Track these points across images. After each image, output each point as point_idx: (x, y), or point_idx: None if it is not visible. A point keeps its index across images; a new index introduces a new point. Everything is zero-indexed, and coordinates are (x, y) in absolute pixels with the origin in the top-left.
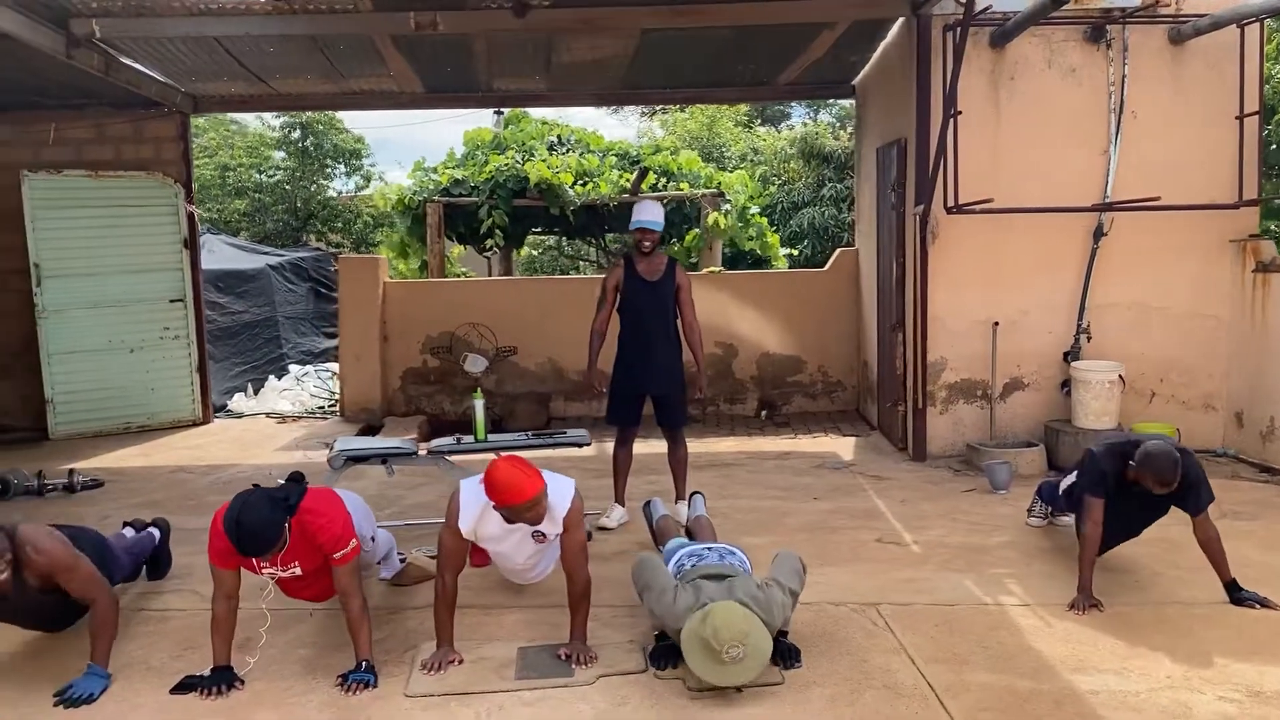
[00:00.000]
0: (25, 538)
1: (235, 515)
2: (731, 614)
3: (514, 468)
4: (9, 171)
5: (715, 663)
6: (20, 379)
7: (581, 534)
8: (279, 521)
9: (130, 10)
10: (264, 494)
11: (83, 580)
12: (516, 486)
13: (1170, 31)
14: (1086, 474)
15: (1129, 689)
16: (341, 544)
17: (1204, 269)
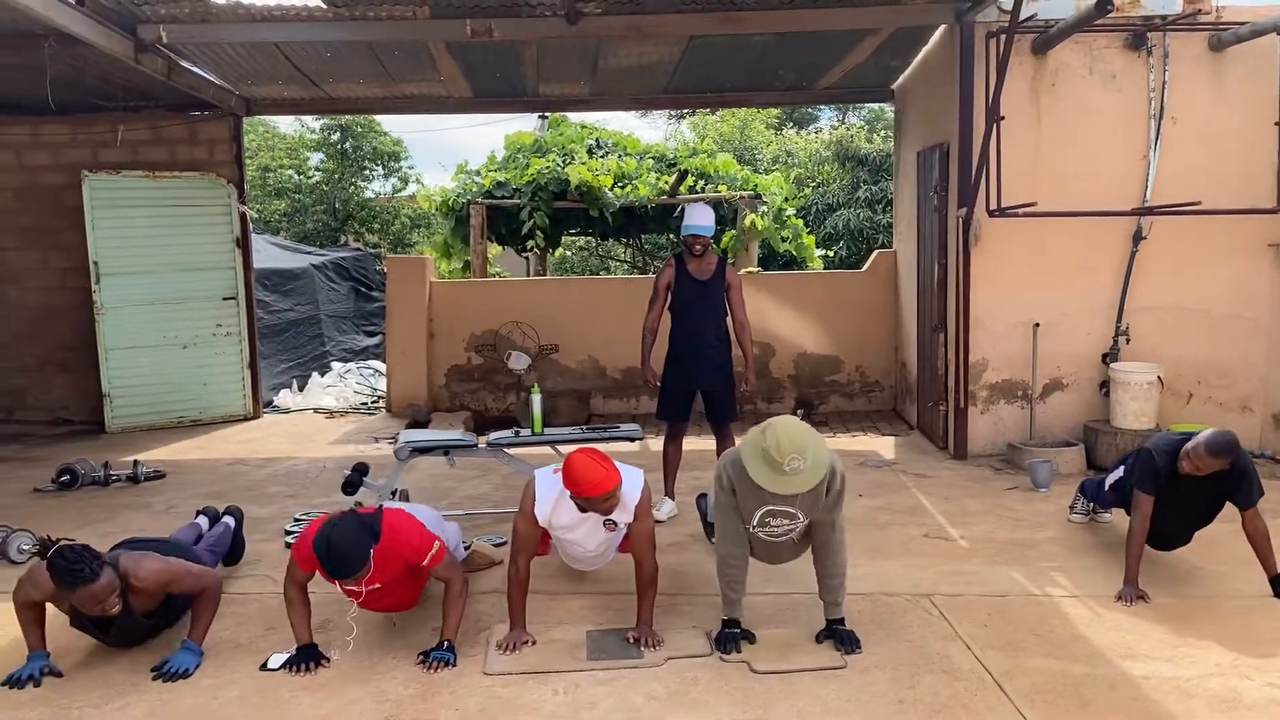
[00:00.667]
0: (126, 569)
1: (326, 537)
2: (791, 425)
3: (593, 461)
4: (70, 171)
5: (776, 473)
6: (77, 374)
7: (650, 522)
8: (366, 549)
9: (196, 16)
10: (354, 519)
11: (189, 580)
12: (595, 480)
13: (1210, 39)
14: (1139, 469)
15: (1180, 675)
16: (424, 552)
17: (1242, 272)
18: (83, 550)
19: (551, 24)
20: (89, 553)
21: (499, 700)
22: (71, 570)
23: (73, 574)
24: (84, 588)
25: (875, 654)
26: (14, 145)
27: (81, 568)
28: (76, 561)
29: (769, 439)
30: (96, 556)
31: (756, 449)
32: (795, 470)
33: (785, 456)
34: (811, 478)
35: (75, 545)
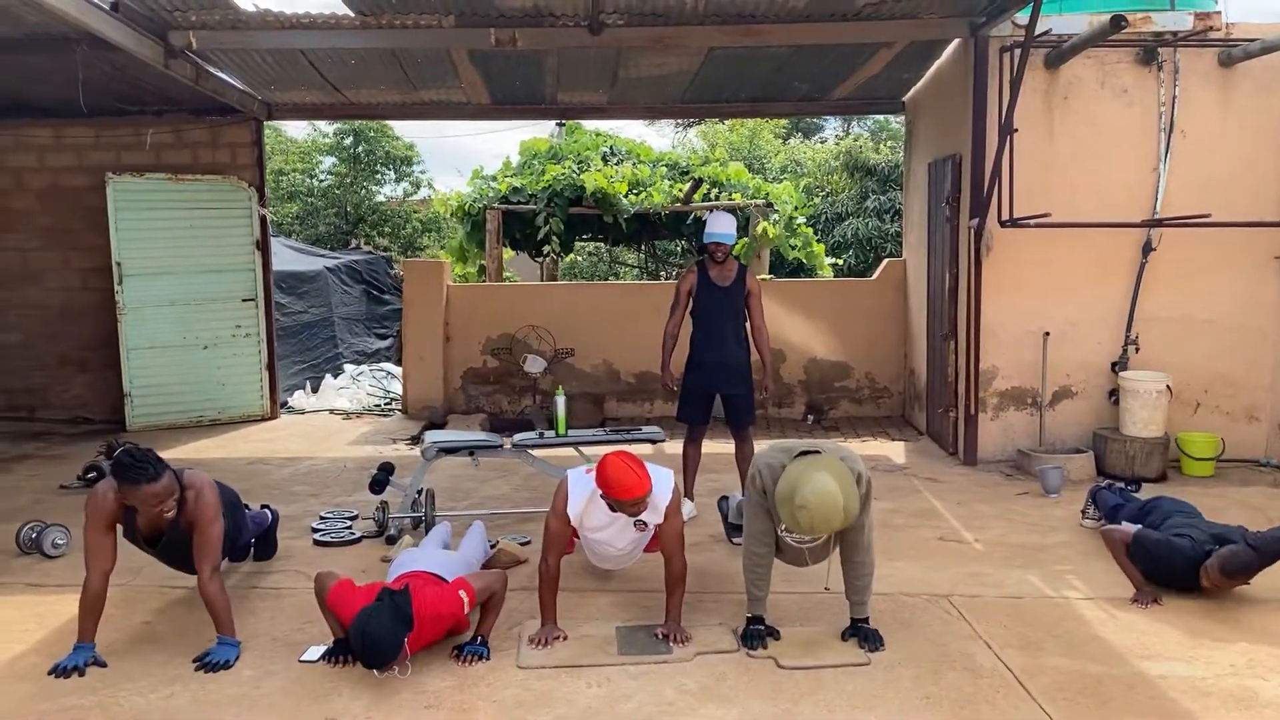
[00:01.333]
0: (190, 481)
1: (361, 631)
2: (826, 508)
3: (627, 465)
4: (92, 173)
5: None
6: (97, 373)
7: (679, 522)
8: (400, 639)
9: (226, 23)
10: (388, 608)
11: (210, 541)
12: (629, 484)
13: (1220, 55)
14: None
15: (1196, 674)
16: (458, 606)
17: (1249, 284)
18: (147, 452)
19: (574, 34)
20: (153, 454)
21: (534, 693)
22: (136, 467)
23: (137, 470)
24: (147, 485)
25: (898, 652)
26: (37, 147)
27: (146, 466)
28: (141, 460)
29: (803, 518)
30: (160, 459)
31: (789, 506)
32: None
33: (818, 531)
34: (842, 526)
35: (140, 447)
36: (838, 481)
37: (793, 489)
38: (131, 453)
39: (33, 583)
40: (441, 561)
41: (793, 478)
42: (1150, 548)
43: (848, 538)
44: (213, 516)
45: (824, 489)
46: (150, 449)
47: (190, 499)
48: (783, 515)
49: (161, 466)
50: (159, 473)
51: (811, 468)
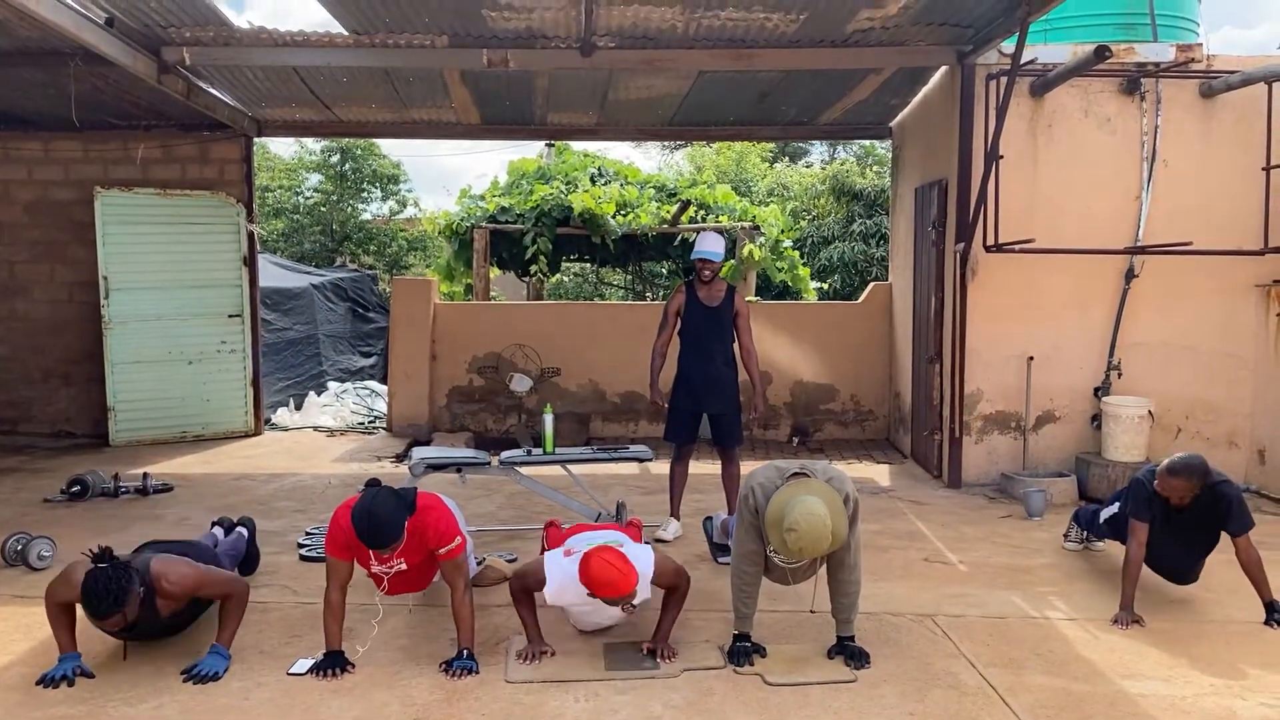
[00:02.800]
0: (159, 572)
1: (366, 507)
2: (815, 534)
3: (611, 566)
4: (80, 187)
5: (795, 556)
6: (80, 387)
7: (669, 567)
8: (403, 518)
9: (220, 40)
10: (390, 491)
11: (218, 586)
12: (616, 585)
13: (1201, 86)
14: (1132, 499)
15: (1176, 694)
16: (448, 539)
17: (1230, 312)
18: (117, 581)
19: (566, 55)
20: (120, 580)
21: (523, 706)
22: (99, 599)
23: (98, 604)
24: (104, 620)
25: (883, 669)
26: (26, 160)
27: (108, 600)
28: (104, 595)
29: (791, 541)
30: (126, 582)
31: (778, 530)
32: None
33: (805, 555)
34: (830, 550)
35: (112, 573)
36: (826, 505)
37: (782, 514)
38: (99, 580)
39: (19, 594)
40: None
41: (783, 502)
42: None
43: (835, 557)
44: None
45: (812, 513)
46: (123, 572)
47: (165, 587)
48: (772, 539)
49: (124, 599)
50: (120, 604)
51: (801, 492)
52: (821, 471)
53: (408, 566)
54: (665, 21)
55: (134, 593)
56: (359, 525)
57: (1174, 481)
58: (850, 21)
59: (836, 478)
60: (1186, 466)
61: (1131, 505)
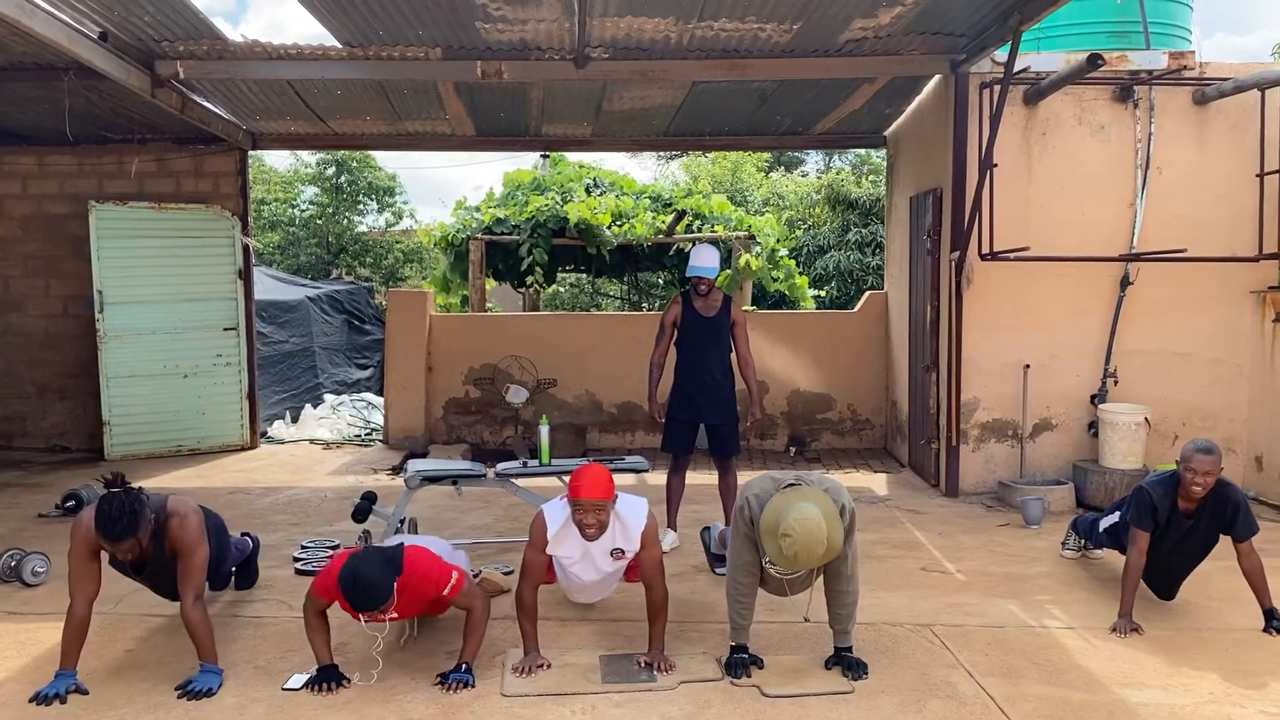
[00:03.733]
0: (174, 509)
1: (351, 571)
2: (811, 538)
3: (600, 472)
4: (75, 201)
5: (790, 565)
6: (75, 401)
7: (658, 550)
8: (389, 582)
9: (214, 54)
10: (377, 553)
11: (194, 568)
12: (592, 486)
13: (1195, 93)
14: (1135, 508)
15: (1175, 702)
16: (444, 583)
17: (1225, 318)
18: (129, 503)
19: (560, 67)
20: (134, 505)
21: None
22: (112, 521)
23: (111, 524)
24: (119, 541)
25: (881, 680)
26: (21, 175)
27: (121, 520)
28: (118, 517)
29: (788, 547)
30: (138, 512)
31: (774, 538)
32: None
33: (802, 562)
34: (825, 559)
35: (125, 497)
36: (822, 513)
37: (777, 521)
38: (113, 504)
39: (12, 611)
40: (438, 544)
41: (777, 510)
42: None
43: (831, 567)
44: (196, 544)
45: (808, 519)
46: (136, 498)
47: (174, 526)
48: (768, 548)
49: (137, 522)
50: (133, 529)
51: (796, 500)
52: (817, 481)
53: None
54: (659, 32)
55: (146, 519)
56: (345, 590)
57: (1204, 460)
58: (844, 31)
59: (833, 488)
60: (1210, 444)
61: (1134, 514)
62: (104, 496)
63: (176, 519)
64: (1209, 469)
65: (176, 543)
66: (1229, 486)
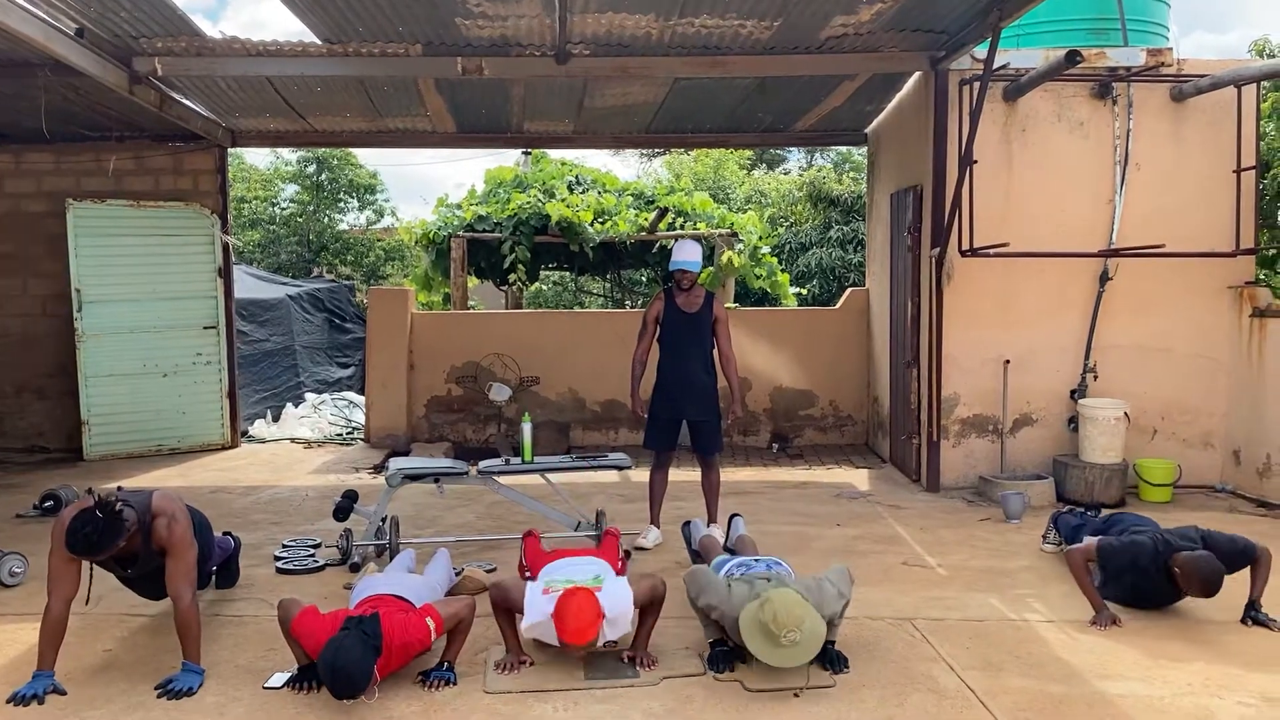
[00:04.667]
0: (160, 508)
1: (330, 662)
2: (788, 600)
3: (581, 615)
4: (52, 199)
5: (774, 646)
6: (54, 401)
7: (645, 583)
8: (370, 665)
9: (192, 51)
10: (357, 638)
11: (188, 566)
12: (582, 632)
13: (1172, 90)
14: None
15: (1154, 694)
16: (425, 640)
17: (1204, 313)
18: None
19: (541, 63)
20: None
21: (501, 717)
22: (80, 540)
23: (86, 544)
24: (94, 556)
25: (863, 674)
26: None
27: (89, 542)
28: (89, 536)
29: (766, 613)
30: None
31: (754, 623)
32: (792, 643)
33: (782, 629)
34: (809, 649)
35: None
36: (795, 597)
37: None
38: (85, 524)
39: None
40: (408, 585)
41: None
42: (1116, 550)
43: None
44: (188, 542)
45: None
46: (110, 519)
47: (161, 526)
48: (751, 644)
49: (112, 542)
50: (104, 548)
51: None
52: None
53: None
54: (640, 29)
55: (126, 527)
56: (325, 679)
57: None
58: (824, 28)
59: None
60: (1216, 581)
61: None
62: (77, 516)
63: (164, 519)
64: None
65: (165, 542)
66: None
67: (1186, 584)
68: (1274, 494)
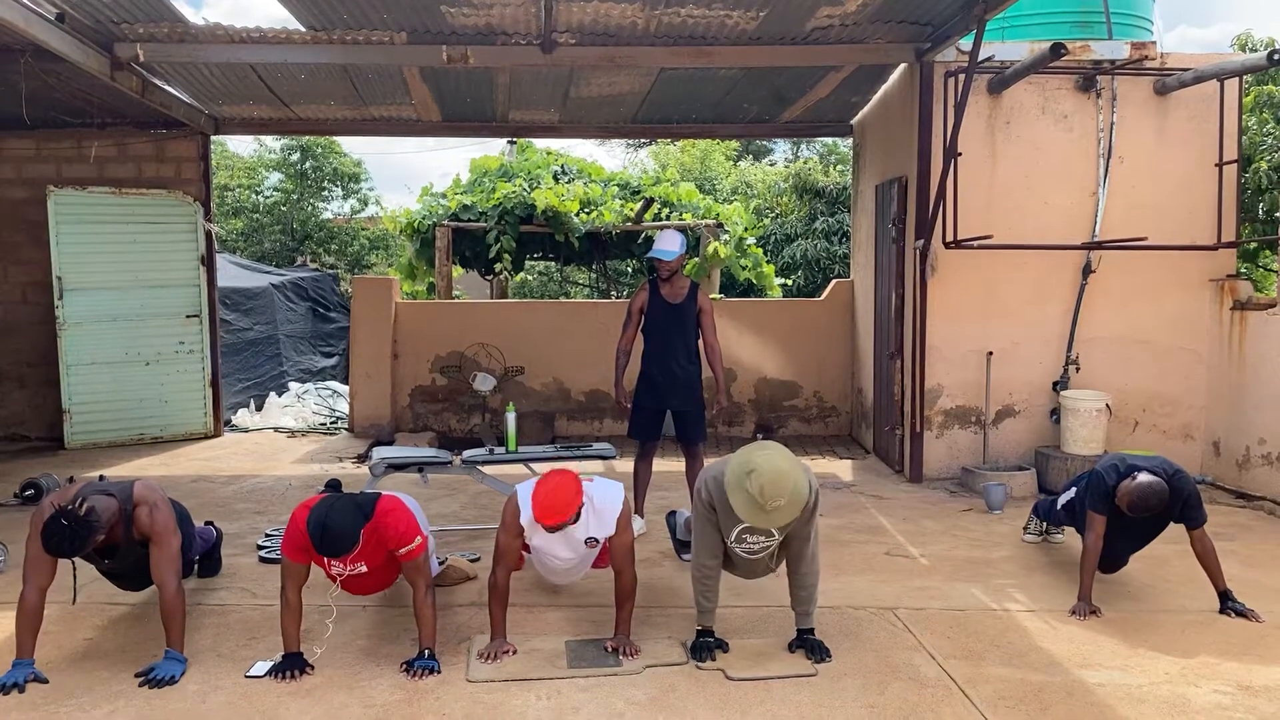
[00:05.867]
0: (142, 497)
1: (320, 518)
2: (776, 466)
3: (559, 491)
4: (33, 186)
5: (759, 511)
6: (34, 390)
7: (630, 535)
8: (358, 527)
9: (174, 36)
10: (348, 499)
11: (172, 554)
12: (552, 508)
13: (1156, 84)
14: (1090, 491)
15: (1132, 683)
16: (408, 540)
17: (1185, 306)
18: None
19: (527, 52)
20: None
21: (484, 705)
22: (64, 541)
23: (61, 542)
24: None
25: (844, 662)
26: None
27: (72, 539)
28: (64, 543)
29: (753, 484)
30: (91, 521)
31: (740, 487)
32: (777, 508)
33: (768, 499)
34: (792, 511)
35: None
36: (784, 458)
37: (740, 464)
38: (61, 522)
39: None
40: (415, 507)
41: (739, 457)
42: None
43: (793, 548)
44: (171, 529)
45: (769, 453)
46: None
47: (143, 515)
48: (734, 500)
49: (85, 543)
50: (78, 548)
51: (755, 449)
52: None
53: (368, 569)
54: (626, 18)
55: (97, 531)
56: (313, 534)
57: (1141, 508)
58: (810, 19)
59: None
60: (1156, 496)
61: (1090, 498)
62: (50, 518)
63: (145, 508)
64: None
65: (148, 530)
66: (1178, 475)
67: (1121, 498)
68: (1253, 485)
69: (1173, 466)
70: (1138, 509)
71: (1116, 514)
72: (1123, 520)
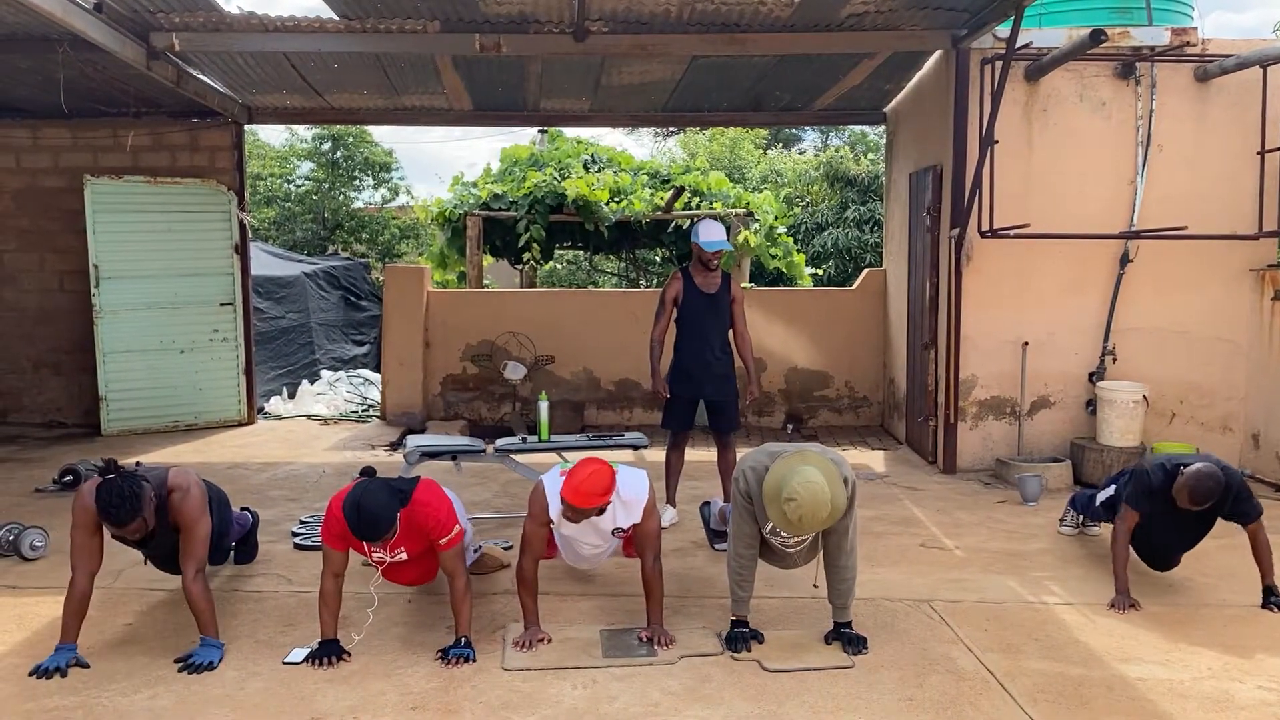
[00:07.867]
0: (176, 482)
1: (356, 500)
2: (816, 502)
3: (595, 479)
4: (70, 175)
5: (796, 528)
6: (71, 376)
7: (655, 522)
8: (394, 511)
9: (210, 26)
10: (383, 483)
11: (196, 541)
12: (586, 493)
13: (1196, 70)
14: (1133, 487)
15: (1174, 677)
16: (446, 529)
17: (1224, 296)
18: (129, 489)
19: (559, 41)
20: (134, 487)
21: (520, 694)
22: (114, 508)
23: (114, 510)
24: (123, 527)
25: (881, 655)
26: (14, 148)
27: (123, 506)
28: (120, 504)
29: (792, 511)
30: (137, 487)
31: (777, 506)
32: (811, 531)
33: (806, 525)
34: (829, 524)
35: (122, 482)
36: (824, 476)
37: (779, 487)
38: (112, 491)
39: (11, 585)
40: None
41: (780, 473)
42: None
43: (831, 541)
44: (198, 518)
45: (812, 481)
46: (134, 480)
47: (176, 500)
48: (771, 513)
49: (139, 504)
50: (136, 511)
51: (798, 464)
52: (817, 450)
53: (409, 556)
54: (659, 6)
55: (148, 498)
56: (349, 518)
57: (1201, 494)
58: (845, 5)
59: (837, 459)
60: (1213, 480)
61: (1131, 493)
62: (101, 485)
63: (179, 493)
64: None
65: (179, 516)
66: (1227, 471)
67: (1178, 490)
68: None
69: (1219, 461)
70: (1198, 497)
71: (1169, 510)
72: (1175, 517)
